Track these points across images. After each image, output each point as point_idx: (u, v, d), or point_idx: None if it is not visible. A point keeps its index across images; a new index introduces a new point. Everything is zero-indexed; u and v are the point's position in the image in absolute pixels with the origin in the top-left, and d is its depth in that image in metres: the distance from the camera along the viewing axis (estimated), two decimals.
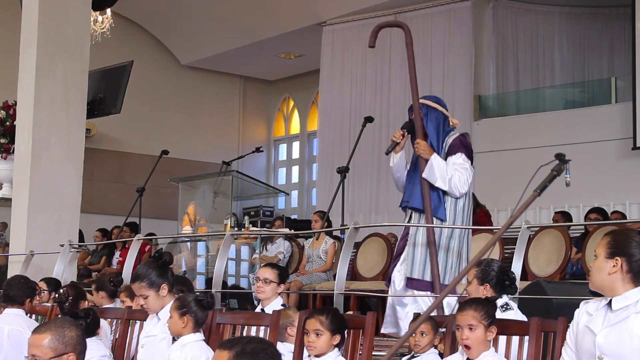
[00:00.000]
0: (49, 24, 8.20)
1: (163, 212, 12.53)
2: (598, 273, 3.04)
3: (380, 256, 7.89)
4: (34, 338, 3.22)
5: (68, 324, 3.26)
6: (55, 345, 3.15)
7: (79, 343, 3.22)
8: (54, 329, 3.21)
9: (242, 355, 2.34)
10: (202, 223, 9.26)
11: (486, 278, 4.26)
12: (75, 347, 3.19)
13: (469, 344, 3.59)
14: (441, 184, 5.52)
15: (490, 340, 3.62)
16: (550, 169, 3.07)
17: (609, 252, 3.02)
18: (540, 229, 7.06)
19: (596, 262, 3.05)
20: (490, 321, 3.60)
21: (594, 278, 3.06)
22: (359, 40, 12.58)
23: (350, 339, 3.97)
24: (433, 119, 5.70)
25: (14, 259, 7.96)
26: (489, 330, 3.60)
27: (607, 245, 3.03)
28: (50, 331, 3.19)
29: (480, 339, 3.59)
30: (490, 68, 11.96)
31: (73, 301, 5.16)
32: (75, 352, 3.19)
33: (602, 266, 3.02)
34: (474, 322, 3.59)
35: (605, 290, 3.04)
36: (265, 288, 4.98)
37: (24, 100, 8.23)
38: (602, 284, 3.03)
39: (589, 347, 3.03)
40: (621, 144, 10.38)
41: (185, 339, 4.08)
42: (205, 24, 13.77)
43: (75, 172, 8.23)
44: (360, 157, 11.43)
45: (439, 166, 5.53)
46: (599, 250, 3.05)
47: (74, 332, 3.22)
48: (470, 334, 3.59)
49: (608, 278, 3.01)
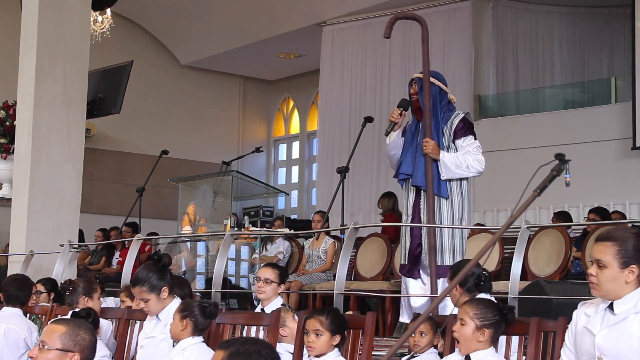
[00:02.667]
0: (49, 24, 8.20)
1: (163, 212, 12.54)
2: (612, 283, 2.96)
3: (380, 256, 7.89)
4: (49, 326, 3.28)
5: (86, 327, 3.30)
6: (66, 341, 3.20)
7: (88, 348, 3.25)
8: (72, 325, 3.26)
9: (236, 355, 2.37)
10: (202, 223, 9.25)
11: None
12: (83, 350, 3.22)
13: (456, 336, 3.61)
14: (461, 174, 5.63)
15: (481, 341, 3.58)
16: (550, 169, 3.07)
17: (622, 261, 2.95)
18: (540, 229, 7.05)
19: (606, 273, 2.96)
20: (484, 323, 3.57)
21: (606, 287, 2.98)
22: (359, 40, 12.59)
23: (350, 339, 3.97)
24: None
25: (14, 259, 7.96)
26: (480, 330, 3.57)
27: (618, 254, 2.96)
28: (67, 326, 3.24)
29: (467, 335, 3.57)
30: (490, 68, 11.95)
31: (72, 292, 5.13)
32: (82, 355, 3.21)
33: (617, 276, 2.95)
34: (466, 317, 3.59)
35: (612, 296, 3.00)
36: (266, 288, 4.98)
37: (23, 100, 8.22)
38: (617, 293, 2.98)
39: (588, 348, 3.03)
40: (621, 144, 10.38)
41: (185, 342, 4.07)
42: (205, 24, 13.77)
43: (75, 172, 8.22)
44: (360, 157, 11.43)
45: (452, 161, 5.61)
46: (608, 259, 2.96)
47: (88, 336, 3.26)
48: (459, 328, 3.60)
49: (624, 287, 2.96)
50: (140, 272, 4.44)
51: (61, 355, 3.18)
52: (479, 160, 5.64)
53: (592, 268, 3.02)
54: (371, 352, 3.93)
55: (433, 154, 5.60)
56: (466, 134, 5.67)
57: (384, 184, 11.93)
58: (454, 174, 5.61)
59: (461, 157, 5.61)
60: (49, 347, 3.18)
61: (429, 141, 5.61)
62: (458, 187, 5.68)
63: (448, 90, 5.84)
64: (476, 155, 5.63)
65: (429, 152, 5.61)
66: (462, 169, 5.61)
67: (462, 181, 5.69)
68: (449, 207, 5.67)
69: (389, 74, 12.26)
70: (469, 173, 5.65)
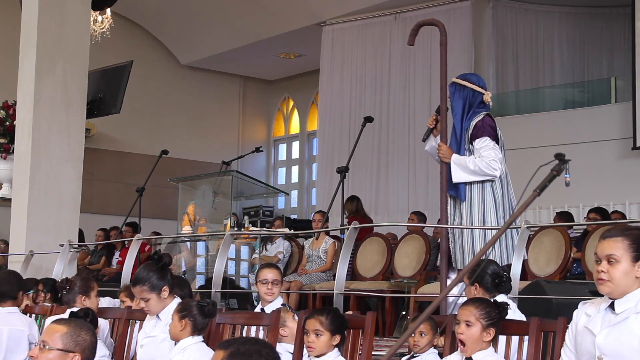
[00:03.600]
0: (49, 24, 8.20)
1: (163, 212, 12.54)
2: (625, 278, 2.94)
3: (379, 256, 7.88)
4: (51, 326, 3.29)
5: (87, 328, 3.31)
6: (67, 341, 3.20)
7: (89, 349, 3.25)
8: (73, 326, 3.26)
9: (236, 355, 2.37)
10: (201, 223, 9.25)
11: (475, 278, 4.25)
12: (84, 351, 3.23)
13: (463, 339, 3.59)
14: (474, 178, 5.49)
15: (487, 341, 3.60)
16: (550, 169, 3.06)
17: (634, 255, 2.94)
18: (540, 228, 7.04)
19: (619, 268, 2.94)
20: (489, 322, 3.59)
21: (618, 283, 2.95)
22: (359, 40, 12.59)
23: (350, 339, 3.96)
24: (459, 97, 5.64)
25: (13, 259, 7.96)
26: (486, 330, 3.59)
27: (630, 248, 2.94)
28: (68, 326, 3.25)
29: (475, 336, 3.58)
30: (490, 68, 11.95)
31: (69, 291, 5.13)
32: (82, 356, 3.22)
33: (629, 271, 2.94)
34: (472, 318, 3.58)
35: (621, 292, 2.98)
36: (274, 290, 4.98)
37: (23, 100, 8.22)
38: (626, 288, 2.96)
39: (588, 348, 3.02)
40: (621, 143, 10.38)
41: (184, 342, 4.08)
42: (205, 24, 13.77)
43: (75, 172, 8.23)
44: (360, 157, 11.43)
45: (461, 165, 5.50)
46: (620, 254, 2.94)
47: (89, 337, 3.27)
48: (465, 330, 3.59)
49: (634, 282, 2.95)
50: (141, 272, 4.44)
51: (62, 356, 3.18)
52: (488, 163, 5.45)
53: (602, 265, 2.99)
54: (371, 352, 3.92)
55: (445, 158, 5.56)
56: (481, 135, 5.54)
57: (384, 184, 11.95)
58: (463, 177, 5.51)
59: (470, 161, 5.49)
60: (50, 347, 3.18)
61: (441, 145, 5.59)
62: (479, 190, 5.54)
63: (484, 90, 5.69)
64: (487, 158, 5.46)
65: (441, 156, 5.58)
66: (469, 172, 5.48)
67: (484, 184, 5.52)
68: (468, 210, 5.56)
69: (389, 74, 12.26)
70: (479, 177, 5.49)
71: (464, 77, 5.73)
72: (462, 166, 5.49)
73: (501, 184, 5.55)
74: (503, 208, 5.51)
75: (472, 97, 5.64)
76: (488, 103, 5.66)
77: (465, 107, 5.62)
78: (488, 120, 5.58)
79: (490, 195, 5.52)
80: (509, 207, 5.51)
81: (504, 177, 5.56)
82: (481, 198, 5.53)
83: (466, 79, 5.72)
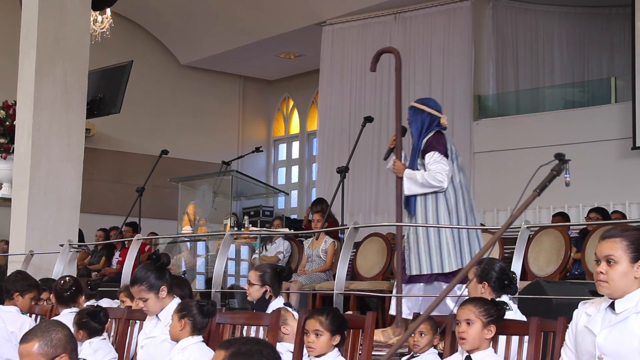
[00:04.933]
0: (49, 24, 8.19)
1: (163, 212, 12.54)
2: (623, 279, 2.94)
3: (379, 256, 7.89)
4: (22, 347, 3.20)
5: (53, 326, 3.26)
6: (45, 350, 3.15)
7: (69, 342, 3.22)
8: (40, 334, 3.20)
9: (237, 355, 2.36)
10: (201, 223, 9.25)
11: (485, 277, 4.27)
12: (65, 348, 3.19)
13: (464, 336, 3.60)
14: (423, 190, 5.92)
15: (488, 338, 3.62)
16: (550, 169, 3.06)
17: (632, 256, 2.94)
18: (540, 228, 7.04)
19: (618, 268, 2.94)
20: (489, 319, 3.61)
21: (617, 284, 2.95)
22: (359, 40, 12.59)
23: (350, 339, 3.96)
24: (417, 120, 6.09)
25: (13, 259, 7.95)
26: (487, 328, 3.60)
27: (629, 249, 2.94)
28: (37, 338, 3.18)
29: (476, 334, 3.59)
30: (490, 68, 11.96)
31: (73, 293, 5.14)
32: (67, 352, 3.19)
33: (628, 271, 2.94)
34: (472, 316, 3.60)
35: (620, 293, 2.97)
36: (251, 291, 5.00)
37: (23, 100, 8.22)
38: (626, 289, 2.95)
39: (588, 348, 3.02)
40: (621, 143, 10.38)
41: (184, 342, 4.08)
42: (205, 24, 13.77)
43: (75, 172, 8.22)
44: (360, 157, 11.44)
45: (412, 178, 5.94)
46: (619, 254, 2.94)
47: (61, 333, 3.22)
48: (467, 328, 3.60)
49: (633, 282, 2.95)
50: (139, 271, 4.45)
51: None
52: (434, 175, 5.85)
53: (601, 266, 2.98)
54: (371, 352, 3.92)
55: (398, 173, 6.02)
56: (430, 150, 5.95)
57: (383, 184, 11.94)
58: (414, 190, 5.93)
59: (419, 174, 5.91)
60: None
61: (395, 161, 6.06)
62: (432, 201, 5.92)
63: (440, 114, 6.10)
64: (433, 171, 5.87)
65: (395, 171, 6.05)
66: (418, 185, 5.90)
67: (437, 195, 5.91)
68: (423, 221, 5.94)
69: (389, 74, 12.24)
70: (427, 189, 5.90)
71: (422, 102, 6.20)
72: (412, 179, 5.94)
73: (455, 193, 5.95)
74: (457, 216, 5.92)
75: (430, 120, 6.09)
76: (444, 126, 6.11)
77: (422, 128, 6.07)
78: (437, 137, 6.01)
79: (444, 205, 5.92)
80: (464, 214, 5.91)
81: (457, 186, 5.98)
82: (435, 208, 5.93)
83: (425, 103, 6.19)
